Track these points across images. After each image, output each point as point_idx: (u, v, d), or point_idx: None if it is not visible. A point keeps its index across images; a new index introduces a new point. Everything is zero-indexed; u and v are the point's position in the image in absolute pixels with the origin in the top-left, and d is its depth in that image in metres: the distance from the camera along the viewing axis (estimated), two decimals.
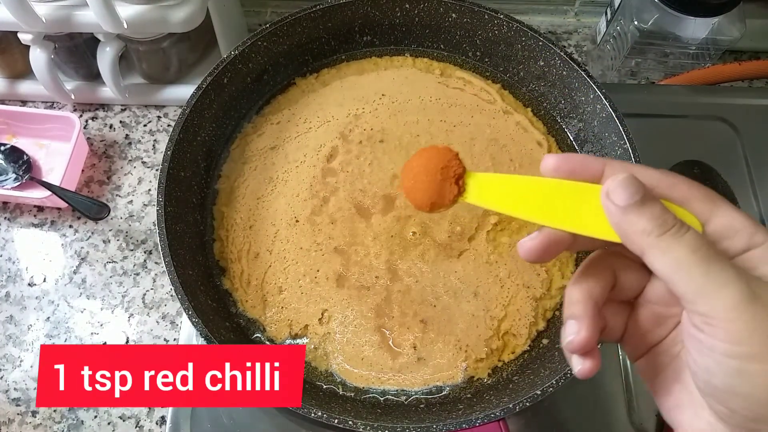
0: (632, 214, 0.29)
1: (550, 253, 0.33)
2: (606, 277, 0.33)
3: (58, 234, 0.71)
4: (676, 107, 0.74)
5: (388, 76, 0.70)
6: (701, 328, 0.27)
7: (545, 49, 0.64)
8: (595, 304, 0.32)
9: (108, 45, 0.68)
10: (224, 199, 0.63)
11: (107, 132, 0.77)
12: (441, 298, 0.58)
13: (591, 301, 0.32)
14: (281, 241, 0.61)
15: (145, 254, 0.70)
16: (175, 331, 0.66)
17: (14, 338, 0.65)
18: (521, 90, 0.69)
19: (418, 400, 0.55)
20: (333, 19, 0.67)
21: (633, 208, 0.29)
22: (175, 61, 0.75)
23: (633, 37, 0.72)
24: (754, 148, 0.72)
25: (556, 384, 0.50)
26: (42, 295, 0.68)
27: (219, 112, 0.64)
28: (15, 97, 0.78)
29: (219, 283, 0.60)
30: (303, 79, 0.70)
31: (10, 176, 0.70)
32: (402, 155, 0.64)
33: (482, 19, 0.66)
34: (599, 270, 0.33)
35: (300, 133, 0.66)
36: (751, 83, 0.82)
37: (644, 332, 0.34)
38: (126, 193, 0.73)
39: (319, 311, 0.58)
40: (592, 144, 0.64)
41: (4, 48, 0.74)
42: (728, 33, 0.71)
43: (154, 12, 0.63)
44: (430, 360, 0.56)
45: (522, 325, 0.58)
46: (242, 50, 0.63)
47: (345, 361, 0.56)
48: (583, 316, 0.32)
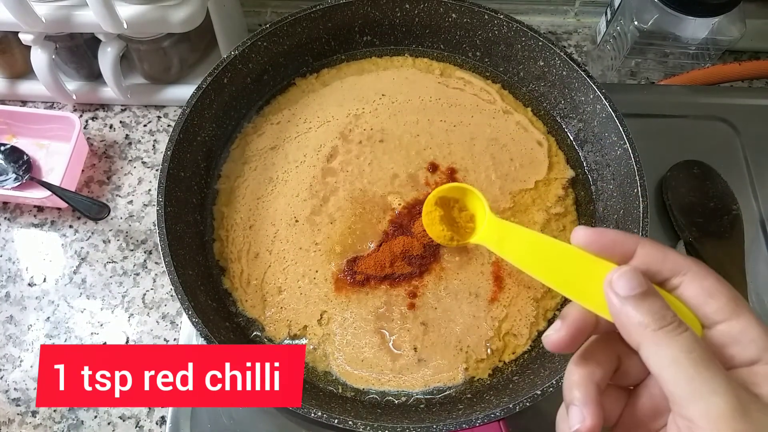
0: (631, 305, 0.29)
1: (576, 343, 0.32)
2: (609, 360, 0.33)
3: (58, 234, 0.71)
4: (676, 107, 0.74)
5: (388, 76, 0.70)
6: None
7: (545, 49, 0.64)
8: (597, 387, 0.31)
9: (109, 45, 0.68)
10: (224, 199, 0.63)
11: (107, 132, 0.77)
12: (442, 300, 0.58)
13: (592, 384, 0.31)
14: (281, 241, 0.61)
15: (145, 254, 0.70)
16: (175, 331, 0.66)
17: (14, 338, 0.65)
18: (521, 90, 0.69)
19: (418, 401, 0.55)
20: (333, 19, 0.67)
21: (633, 300, 0.29)
22: (176, 61, 0.75)
23: (633, 37, 0.72)
24: (754, 148, 0.72)
25: (556, 384, 0.50)
26: (42, 295, 0.68)
27: (219, 112, 0.64)
28: (15, 97, 0.78)
29: (219, 283, 0.60)
30: (303, 79, 0.70)
31: (10, 176, 0.70)
32: (402, 155, 0.65)
33: (482, 19, 0.66)
34: (604, 352, 0.33)
35: (300, 133, 0.66)
36: (751, 83, 0.82)
37: (639, 423, 0.33)
38: (126, 193, 0.73)
39: (318, 312, 0.58)
40: (592, 144, 0.64)
41: (5, 48, 0.74)
42: (728, 33, 0.71)
43: (154, 12, 0.63)
44: (430, 361, 0.56)
45: (523, 326, 0.58)
46: (242, 50, 0.63)
47: (345, 362, 0.56)
48: (586, 402, 0.31)
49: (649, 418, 0.32)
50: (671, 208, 0.66)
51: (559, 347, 0.32)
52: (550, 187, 0.64)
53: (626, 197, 0.59)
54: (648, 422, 0.33)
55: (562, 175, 0.65)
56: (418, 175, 0.64)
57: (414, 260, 0.59)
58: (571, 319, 0.32)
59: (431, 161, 0.64)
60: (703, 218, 0.66)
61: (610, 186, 0.62)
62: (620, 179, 0.60)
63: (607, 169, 0.62)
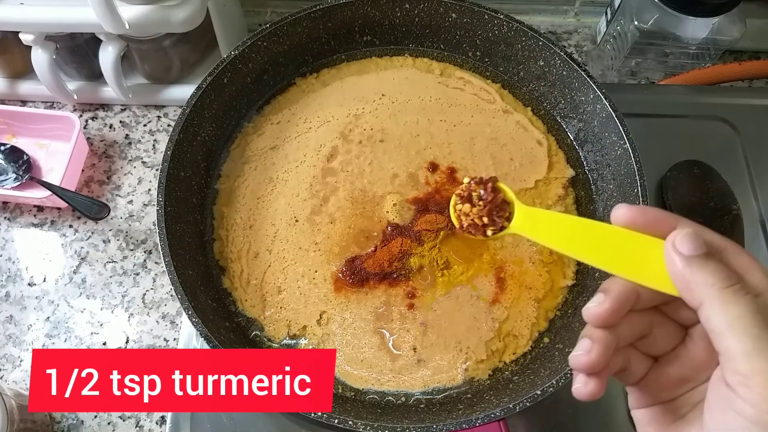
0: (696, 265, 0.29)
1: (616, 317, 0.32)
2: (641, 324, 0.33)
3: (58, 234, 0.71)
4: (676, 107, 0.74)
5: (388, 76, 0.70)
6: (735, 388, 0.27)
7: (545, 49, 0.64)
8: (616, 337, 0.32)
9: (110, 45, 0.68)
10: (224, 199, 0.63)
11: (107, 132, 0.77)
12: (442, 302, 0.58)
13: (614, 334, 0.32)
14: (281, 241, 0.61)
15: (145, 254, 0.70)
16: (175, 330, 0.66)
17: (14, 338, 0.65)
18: (521, 90, 0.69)
19: (418, 401, 0.55)
20: (333, 19, 0.67)
21: (698, 260, 0.29)
22: (177, 61, 0.75)
23: (633, 37, 0.72)
24: (754, 148, 0.72)
25: (556, 384, 0.49)
26: (42, 295, 0.67)
27: (219, 112, 0.64)
28: (15, 97, 0.78)
29: (219, 283, 0.60)
30: (303, 79, 0.70)
31: (10, 176, 0.70)
32: (402, 155, 0.65)
33: (482, 19, 0.66)
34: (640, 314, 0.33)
35: (300, 133, 0.66)
36: (751, 83, 0.82)
37: (662, 388, 0.34)
38: (126, 193, 0.73)
39: (318, 312, 0.58)
40: (592, 144, 0.64)
41: (5, 48, 0.74)
42: (728, 33, 0.71)
43: (155, 12, 0.63)
44: (430, 361, 0.56)
45: (524, 326, 0.58)
46: (242, 50, 0.63)
47: (344, 363, 0.56)
48: (600, 341, 0.31)
49: (674, 385, 0.33)
50: (671, 208, 0.66)
51: (600, 320, 0.32)
52: (550, 186, 0.64)
53: (626, 197, 0.59)
54: (672, 388, 0.33)
55: (562, 175, 0.65)
56: (418, 174, 0.64)
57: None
58: (615, 292, 0.32)
59: (431, 161, 0.64)
60: (703, 218, 0.66)
61: (610, 186, 0.62)
62: (620, 179, 0.60)
63: (607, 169, 0.62)
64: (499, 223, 0.44)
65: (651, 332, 0.34)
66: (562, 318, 0.58)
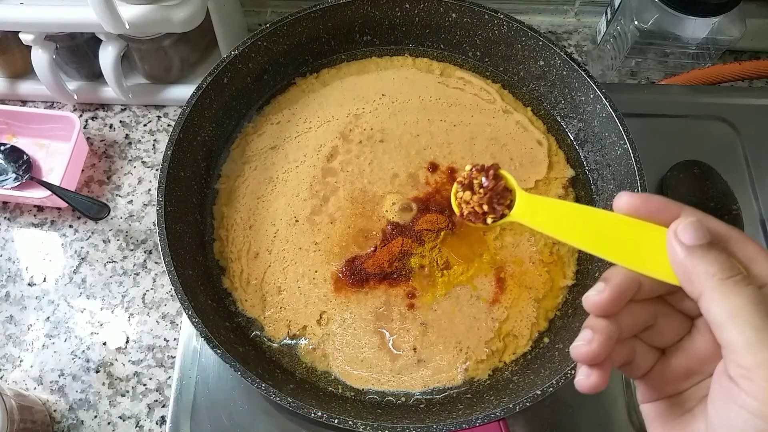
0: (698, 255, 0.29)
1: (616, 307, 0.32)
2: (645, 314, 0.33)
3: (58, 234, 0.71)
4: (676, 107, 0.74)
5: (388, 76, 0.70)
6: (738, 381, 0.27)
7: (545, 49, 0.64)
8: (619, 328, 0.31)
9: (110, 45, 0.68)
10: (224, 199, 0.63)
11: (107, 132, 0.77)
12: (442, 302, 0.58)
13: (616, 324, 0.31)
14: (281, 241, 0.61)
15: (145, 254, 0.70)
16: (175, 330, 0.66)
17: (14, 338, 0.65)
18: (521, 90, 0.69)
19: (418, 401, 0.55)
20: (333, 19, 0.67)
21: (699, 250, 0.29)
22: (177, 60, 0.75)
23: (633, 37, 0.72)
24: (754, 148, 0.72)
25: (556, 384, 0.49)
26: (42, 295, 0.67)
27: (219, 112, 0.64)
28: (15, 97, 0.78)
29: (219, 283, 0.60)
30: (303, 79, 0.70)
31: (10, 176, 0.70)
32: (402, 155, 0.65)
33: (482, 19, 0.66)
34: (643, 304, 0.33)
35: (300, 132, 0.66)
36: (751, 83, 0.82)
37: (669, 381, 0.33)
38: (126, 193, 0.73)
39: (318, 312, 0.58)
40: (592, 144, 0.64)
41: (5, 48, 0.74)
42: (728, 33, 0.71)
43: (155, 12, 0.63)
44: (430, 362, 0.56)
45: (524, 326, 0.58)
46: (242, 50, 0.63)
47: (344, 363, 0.56)
48: (601, 331, 0.31)
49: (680, 378, 0.33)
50: None
51: (600, 309, 0.31)
52: (550, 186, 0.64)
53: None
54: (678, 381, 0.33)
55: (563, 175, 0.65)
56: (418, 174, 0.64)
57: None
58: (616, 281, 0.31)
59: (431, 161, 0.64)
60: None
61: (610, 186, 0.62)
62: (620, 179, 0.60)
63: (608, 169, 0.62)
64: (500, 211, 0.43)
65: (656, 323, 0.33)
66: (562, 318, 0.58)
